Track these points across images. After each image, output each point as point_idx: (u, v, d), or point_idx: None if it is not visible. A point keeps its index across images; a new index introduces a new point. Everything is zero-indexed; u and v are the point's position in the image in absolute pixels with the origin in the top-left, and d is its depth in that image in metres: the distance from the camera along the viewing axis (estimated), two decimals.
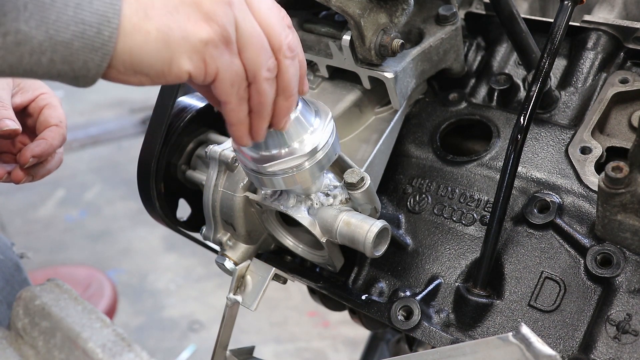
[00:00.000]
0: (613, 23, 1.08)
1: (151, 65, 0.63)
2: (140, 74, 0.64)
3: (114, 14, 0.60)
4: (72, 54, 0.59)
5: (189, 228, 1.20)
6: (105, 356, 0.66)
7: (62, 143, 1.07)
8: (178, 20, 0.63)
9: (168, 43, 0.62)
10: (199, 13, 0.64)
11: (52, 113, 1.08)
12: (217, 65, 0.66)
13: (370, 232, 0.89)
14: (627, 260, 0.88)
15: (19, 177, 1.04)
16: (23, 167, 1.03)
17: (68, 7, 0.58)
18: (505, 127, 1.08)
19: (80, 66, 0.60)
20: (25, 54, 0.58)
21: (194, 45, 0.64)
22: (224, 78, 0.67)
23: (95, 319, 0.72)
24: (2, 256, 1.22)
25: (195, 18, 0.64)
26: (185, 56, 0.64)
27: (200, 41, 0.64)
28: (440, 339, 0.94)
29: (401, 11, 1.00)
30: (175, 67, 0.64)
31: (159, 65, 0.63)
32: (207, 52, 0.65)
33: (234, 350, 1.05)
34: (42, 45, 0.58)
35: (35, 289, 0.76)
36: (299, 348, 3.23)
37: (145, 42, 0.61)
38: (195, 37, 0.63)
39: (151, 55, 0.62)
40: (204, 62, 0.65)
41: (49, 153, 1.05)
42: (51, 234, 4.27)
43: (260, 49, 0.69)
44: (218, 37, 0.65)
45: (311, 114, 0.83)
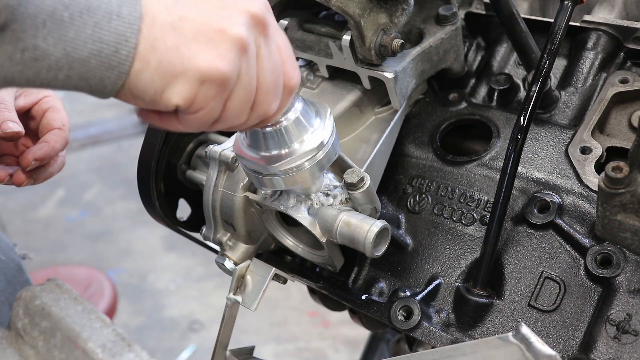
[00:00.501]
0: (613, 23, 1.08)
1: (145, 92, 0.63)
2: (136, 97, 0.64)
3: (131, 34, 0.60)
4: (88, 71, 0.60)
5: (189, 228, 1.20)
6: (105, 356, 0.66)
7: (64, 146, 1.07)
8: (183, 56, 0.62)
9: (164, 76, 0.62)
10: (213, 51, 0.63)
11: (55, 116, 1.08)
12: (205, 106, 0.65)
13: (370, 232, 0.89)
14: (627, 260, 0.88)
15: (21, 179, 1.04)
16: (25, 170, 1.03)
17: (87, 26, 0.58)
18: (505, 127, 1.08)
19: (96, 83, 0.61)
20: (42, 70, 0.58)
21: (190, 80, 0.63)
22: (200, 117, 0.67)
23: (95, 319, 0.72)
24: (4, 257, 1.22)
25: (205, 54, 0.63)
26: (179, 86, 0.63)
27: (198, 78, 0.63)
28: (440, 339, 0.94)
29: (401, 11, 1.00)
30: (165, 99, 0.64)
31: (151, 93, 0.63)
32: (201, 91, 0.64)
33: (234, 350, 1.05)
34: (59, 61, 0.58)
35: (35, 289, 0.76)
36: (299, 348, 3.23)
37: (143, 70, 0.61)
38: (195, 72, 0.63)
39: (145, 83, 0.62)
40: (193, 97, 0.64)
41: (51, 156, 1.05)
42: (51, 234, 4.27)
43: (244, 104, 0.69)
44: (219, 79, 0.64)
45: (311, 115, 0.84)
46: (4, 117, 1.00)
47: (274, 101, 0.72)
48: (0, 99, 1.02)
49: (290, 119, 0.80)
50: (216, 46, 0.63)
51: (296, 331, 3.32)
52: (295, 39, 1.06)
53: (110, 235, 4.22)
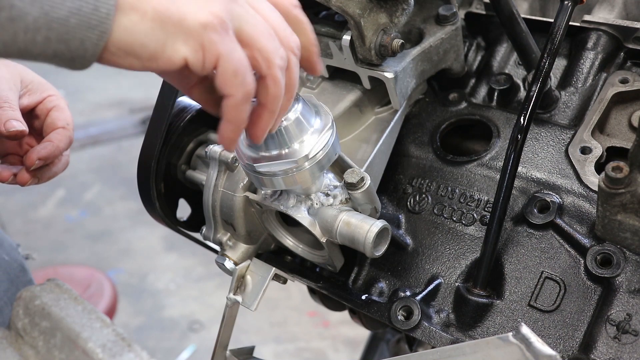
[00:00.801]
0: (613, 23, 1.08)
1: (143, 46, 0.61)
2: (132, 55, 0.61)
3: None
4: (68, 31, 0.57)
5: (189, 228, 1.20)
6: (105, 356, 0.66)
7: (68, 146, 1.07)
8: (177, 3, 0.61)
9: (163, 23, 0.60)
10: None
11: (59, 115, 1.08)
12: (218, 51, 0.63)
13: (370, 232, 0.89)
14: (627, 260, 0.88)
15: (25, 179, 1.03)
16: (29, 169, 1.02)
17: None
18: (505, 127, 1.08)
19: (77, 45, 0.59)
20: (19, 32, 0.56)
21: (191, 28, 0.61)
22: (226, 65, 0.64)
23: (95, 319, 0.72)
24: (7, 257, 1.22)
25: (196, 3, 0.62)
26: (182, 39, 0.61)
27: (198, 24, 0.61)
28: (440, 339, 0.94)
29: (401, 11, 1.00)
30: (170, 50, 0.61)
31: (152, 46, 0.61)
32: (206, 37, 0.62)
33: (234, 350, 1.05)
34: (37, 21, 0.56)
35: (35, 289, 0.76)
36: (299, 348, 3.23)
37: (140, 21, 0.59)
38: (193, 19, 0.61)
39: (145, 35, 0.60)
40: (202, 47, 0.62)
41: (55, 156, 1.05)
42: (51, 234, 4.27)
43: (269, 38, 0.67)
44: (218, 21, 0.62)
45: (311, 115, 0.84)
46: (8, 115, 1.00)
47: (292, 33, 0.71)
48: (5, 97, 1.02)
49: (291, 119, 0.80)
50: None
51: (296, 331, 3.32)
52: None
53: (110, 235, 4.22)
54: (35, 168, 1.02)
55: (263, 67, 0.68)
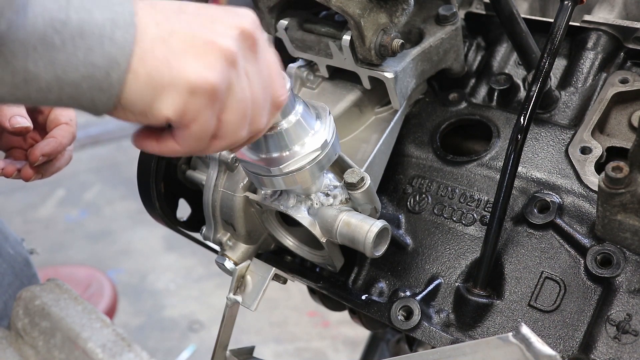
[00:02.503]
0: (613, 23, 1.08)
1: (134, 104, 0.62)
2: (127, 110, 0.63)
3: (123, 58, 0.59)
4: (79, 93, 0.59)
5: (189, 228, 1.20)
6: (105, 356, 0.66)
7: (71, 141, 1.08)
8: (173, 67, 0.62)
9: (153, 87, 0.62)
10: (201, 62, 0.63)
11: (62, 111, 1.08)
12: (196, 118, 0.65)
13: (370, 232, 0.89)
14: (627, 260, 0.88)
15: (29, 174, 1.05)
16: (33, 165, 1.04)
17: (78, 50, 0.57)
18: (505, 127, 1.08)
19: (87, 103, 0.61)
20: (32, 91, 0.58)
21: (179, 91, 0.62)
22: (195, 131, 0.66)
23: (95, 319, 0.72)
24: (12, 251, 1.22)
25: (193, 65, 0.63)
26: (167, 100, 0.63)
27: (188, 88, 0.63)
28: (440, 339, 0.94)
29: (401, 11, 1.00)
30: (155, 110, 0.63)
31: (140, 105, 0.63)
32: (191, 102, 0.63)
33: (234, 350, 1.05)
34: (49, 84, 0.58)
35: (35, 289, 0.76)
36: (299, 348, 3.23)
37: (134, 81, 0.61)
38: (184, 82, 0.62)
39: (135, 95, 0.62)
40: (183, 110, 0.64)
41: (58, 151, 1.06)
42: (51, 234, 4.27)
43: (241, 118, 0.68)
44: (209, 90, 0.63)
45: (312, 117, 0.84)
46: (13, 111, 1.01)
47: (265, 116, 0.72)
48: None
49: (292, 122, 0.80)
50: (205, 57, 0.63)
51: (296, 331, 3.32)
52: (295, 39, 1.06)
53: (110, 235, 4.22)
54: (39, 164, 1.04)
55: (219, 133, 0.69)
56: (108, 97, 0.61)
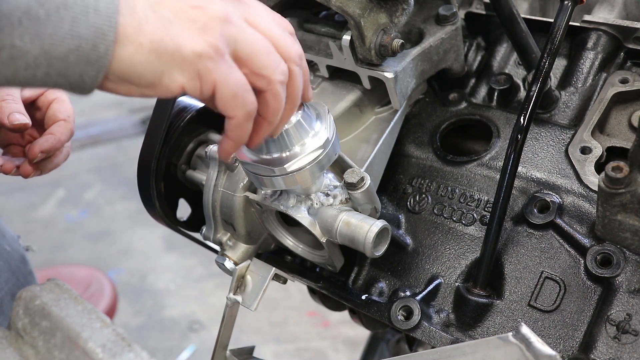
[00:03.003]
0: (613, 23, 1.08)
1: (141, 76, 0.62)
2: (130, 83, 0.63)
3: (109, 27, 0.59)
4: (67, 67, 0.59)
5: (189, 228, 1.20)
6: (105, 356, 0.66)
7: (69, 138, 1.09)
8: (171, 34, 0.62)
9: (160, 55, 0.62)
10: (194, 27, 0.63)
11: (60, 107, 1.08)
12: (214, 78, 0.65)
13: (370, 232, 0.89)
14: (627, 260, 0.88)
15: (28, 171, 1.05)
16: (32, 162, 1.04)
17: (64, 22, 0.57)
18: (505, 127, 1.08)
19: (76, 79, 0.60)
20: (20, 69, 0.57)
21: (186, 58, 0.63)
22: (224, 89, 0.66)
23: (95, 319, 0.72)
24: (9, 248, 1.23)
25: (190, 32, 0.63)
26: (178, 69, 0.63)
27: (193, 53, 0.63)
28: (440, 339, 0.94)
29: (401, 11, 1.00)
30: (167, 79, 0.63)
31: (149, 76, 0.62)
32: (201, 65, 0.64)
33: (234, 350, 1.05)
34: (37, 59, 0.57)
35: (35, 289, 0.76)
36: (299, 348, 3.23)
37: (137, 52, 0.61)
38: (187, 49, 0.63)
39: (142, 66, 0.61)
40: (198, 75, 0.64)
41: (57, 148, 1.06)
42: (51, 234, 4.27)
43: (268, 54, 0.68)
44: (213, 49, 0.64)
45: (312, 118, 0.84)
46: (12, 108, 1.01)
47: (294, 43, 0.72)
48: (7, 90, 1.03)
49: (292, 122, 0.81)
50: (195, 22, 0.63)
51: (296, 331, 3.32)
52: None
53: (110, 235, 4.22)
54: (38, 160, 1.04)
55: (262, 85, 0.69)
56: (97, 70, 0.60)
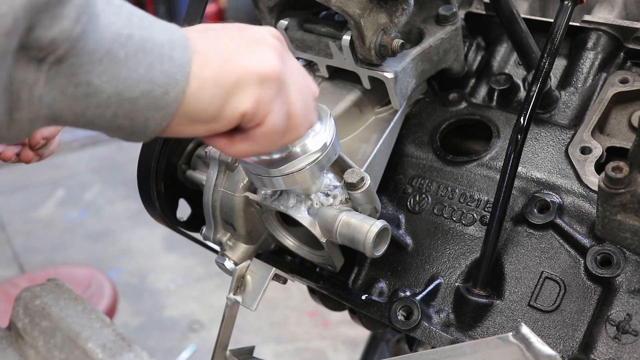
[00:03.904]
0: (613, 23, 1.08)
1: (205, 111, 0.63)
2: (195, 121, 0.64)
3: (182, 76, 0.60)
4: (136, 110, 0.60)
5: (189, 228, 1.20)
6: (105, 356, 0.66)
7: None
8: (234, 64, 0.63)
9: (222, 87, 0.63)
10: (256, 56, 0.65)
11: None
12: (270, 108, 0.66)
13: (370, 232, 0.89)
14: (627, 260, 0.88)
15: (30, 157, 1.10)
16: (34, 148, 1.10)
17: (140, 66, 0.58)
18: (505, 127, 1.08)
19: (140, 123, 0.61)
20: (91, 106, 0.58)
21: (249, 84, 0.64)
22: (272, 123, 0.67)
23: (95, 319, 0.72)
24: None
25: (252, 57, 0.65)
26: (240, 97, 0.64)
27: (256, 78, 0.64)
28: (440, 339, 0.94)
29: (401, 11, 1.00)
30: (229, 109, 0.64)
31: (213, 109, 0.63)
32: (263, 92, 0.65)
33: (234, 350, 1.05)
34: (109, 99, 0.58)
35: (35, 289, 0.76)
36: (299, 348, 3.23)
37: (201, 88, 0.62)
38: (251, 74, 0.64)
39: (206, 101, 0.62)
40: (257, 102, 0.65)
41: (56, 134, 1.12)
42: (51, 234, 4.27)
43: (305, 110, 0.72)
44: (275, 76, 0.65)
45: None
46: None
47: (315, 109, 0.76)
48: None
49: None
50: (259, 51, 0.65)
51: (296, 331, 3.32)
52: (295, 39, 1.06)
53: (110, 235, 4.22)
54: (39, 147, 1.10)
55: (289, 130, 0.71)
56: (162, 117, 0.61)
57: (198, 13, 1.08)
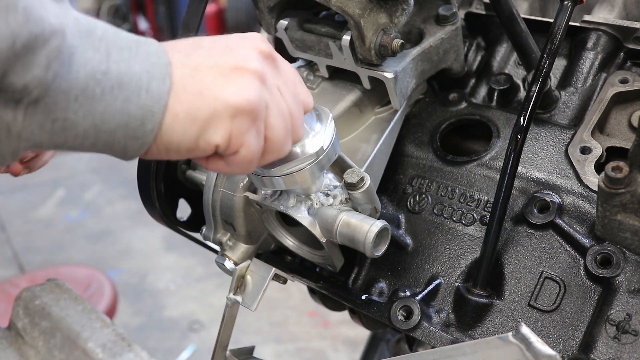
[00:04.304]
0: (613, 23, 1.08)
1: (179, 143, 0.64)
2: (172, 151, 0.65)
3: (158, 109, 0.61)
4: (114, 140, 0.61)
5: (189, 228, 1.20)
6: (105, 356, 0.66)
7: None
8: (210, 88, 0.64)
9: (195, 121, 0.63)
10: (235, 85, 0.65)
11: None
12: (243, 140, 0.67)
13: (370, 232, 0.89)
14: (627, 260, 0.88)
15: (18, 170, 1.08)
16: (22, 161, 1.06)
17: (116, 100, 0.59)
18: (505, 127, 1.08)
19: (120, 149, 0.63)
20: (69, 138, 0.59)
21: (222, 117, 0.64)
22: (245, 154, 0.68)
23: (95, 319, 0.72)
24: None
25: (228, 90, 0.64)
26: (212, 130, 0.65)
27: (230, 111, 0.64)
28: (440, 339, 0.94)
29: (401, 11, 1.00)
30: (203, 142, 0.65)
31: (187, 142, 0.64)
32: (235, 125, 0.65)
33: (234, 350, 1.05)
34: (86, 132, 0.59)
35: (35, 289, 0.76)
36: (299, 348, 3.23)
37: (173, 121, 0.63)
38: (224, 107, 0.64)
39: (179, 134, 0.63)
40: (230, 134, 0.66)
41: None
42: (51, 234, 4.28)
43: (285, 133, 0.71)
44: (249, 108, 0.65)
45: (312, 119, 0.84)
46: None
47: (302, 124, 0.76)
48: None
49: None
50: (236, 81, 0.65)
51: (296, 331, 3.32)
52: (295, 39, 1.06)
53: (110, 235, 4.22)
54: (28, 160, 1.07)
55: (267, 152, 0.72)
56: (140, 145, 0.62)
57: (198, 13, 1.08)
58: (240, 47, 0.68)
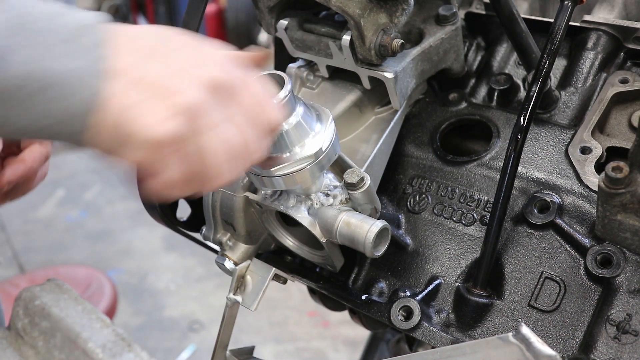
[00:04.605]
0: (613, 23, 1.08)
1: (106, 151, 0.65)
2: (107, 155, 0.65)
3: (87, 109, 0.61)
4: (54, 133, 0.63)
5: (189, 228, 1.20)
6: (105, 356, 0.66)
7: (43, 163, 1.05)
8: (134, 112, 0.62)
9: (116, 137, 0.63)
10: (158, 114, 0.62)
11: None
12: (158, 169, 0.66)
13: (370, 232, 0.89)
14: (627, 260, 0.88)
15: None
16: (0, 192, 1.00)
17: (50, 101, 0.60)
18: (505, 127, 1.08)
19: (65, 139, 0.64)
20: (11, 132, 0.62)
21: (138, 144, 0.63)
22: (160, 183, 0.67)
23: (95, 319, 0.72)
24: None
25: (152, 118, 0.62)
26: (130, 151, 0.64)
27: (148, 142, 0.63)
28: (440, 339, 0.94)
29: (401, 11, 1.00)
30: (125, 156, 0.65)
31: (112, 152, 0.65)
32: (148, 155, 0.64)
33: (234, 350, 1.05)
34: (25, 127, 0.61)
35: (35, 289, 0.76)
36: (299, 348, 3.23)
37: (98, 134, 0.62)
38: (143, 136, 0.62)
39: (102, 142, 0.64)
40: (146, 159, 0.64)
41: (27, 176, 1.02)
42: (51, 234, 4.27)
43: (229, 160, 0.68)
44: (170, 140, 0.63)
45: (312, 119, 0.84)
46: None
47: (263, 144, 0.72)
48: None
49: (292, 123, 0.80)
50: (165, 110, 0.63)
51: (296, 331, 3.32)
52: (295, 39, 1.06)
53: (110, 235, 4.22)
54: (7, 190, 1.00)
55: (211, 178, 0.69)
56: (77, 141, 0.64)
57: (198, 13, 1.08)
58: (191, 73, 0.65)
